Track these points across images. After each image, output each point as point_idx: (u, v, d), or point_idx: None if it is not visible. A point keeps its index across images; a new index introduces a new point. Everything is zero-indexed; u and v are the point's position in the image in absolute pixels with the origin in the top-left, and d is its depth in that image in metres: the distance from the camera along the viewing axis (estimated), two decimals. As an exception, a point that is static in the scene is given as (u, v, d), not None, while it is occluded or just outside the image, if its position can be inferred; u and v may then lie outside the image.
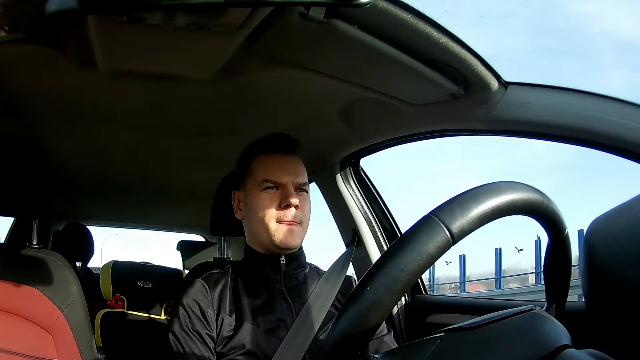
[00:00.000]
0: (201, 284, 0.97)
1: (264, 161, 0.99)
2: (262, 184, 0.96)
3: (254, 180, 0.98)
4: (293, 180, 0.96)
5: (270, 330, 0.94)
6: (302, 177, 0.99)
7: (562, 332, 0.54)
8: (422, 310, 1.40)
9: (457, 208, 0.47)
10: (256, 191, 0.97)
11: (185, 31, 0.76)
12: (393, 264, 0.46)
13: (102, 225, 2.89)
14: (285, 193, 0.95)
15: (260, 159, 0.99)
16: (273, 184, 0.96)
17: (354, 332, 0.46)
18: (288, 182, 0.96)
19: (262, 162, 0.99)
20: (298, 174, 0.98)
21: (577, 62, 24.26)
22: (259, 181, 0.97)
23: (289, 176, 0.96)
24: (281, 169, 0.97)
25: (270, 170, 0.97)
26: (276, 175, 0.96)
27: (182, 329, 0.92)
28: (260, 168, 0.98)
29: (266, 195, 0.96)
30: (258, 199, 0.96)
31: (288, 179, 0.96)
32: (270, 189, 0.96)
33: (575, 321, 0.57)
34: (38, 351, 1.05)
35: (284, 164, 0.98)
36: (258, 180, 0.97)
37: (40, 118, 1.29)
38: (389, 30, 0.80)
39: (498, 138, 0.99)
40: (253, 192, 0.97)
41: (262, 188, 0.96)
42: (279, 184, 0.96)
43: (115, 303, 1.89)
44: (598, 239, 0.40)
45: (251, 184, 0.98)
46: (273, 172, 0.96)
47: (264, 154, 1.00)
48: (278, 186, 0.96)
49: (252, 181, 0.98)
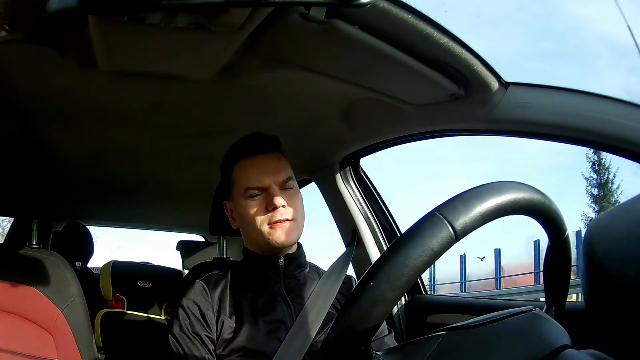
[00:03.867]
0: (201, 286, 0.96)
1: (243, 168, 0.98)
2: (246, 192, 0.95)
3: (238, 190, 0.97)
4: (275, 180, 0.95)
5: (270, 332, 0.94)
6: (284, 173, 0.97)
7: (562, 333, 0.54)
8: (422, 310, 1.40)
9: (460, 206, 0.47)
10: (242, 200, 0.96)
11: (186, 31, 0.77)
12: (397, 260, 0.46)
13: (102, 225, 2.88)
14: (269, 196, 0.94)
15: (239, 167, 0.98)
16: (257, 190, 0.95)
17: (356, 328, 0.46)
18: (270, 183, 0.95)
19: (241, 170, 0.98)
20: (279, 172, 0.96)
21: (573, 65, 24.31)
22: (242, 190, 0.96)
23: (270, 177, 0.95)
24: (261, 172, 0.95)
25: (251, 177, 0.96)
26: (257, 180, 0.95)
27: (182, 331, 0.92)
28: (241, 176, 0.97)
29: (252, 202, 0.95)
30: (246, 207, 0.95)
31: (270, 180, 0.95)
32: (254, 195, 0.95)
33: (575, 321, 0.58)
34: (38, 351, 1.05)
35: (263, 165, 0.97)
36: (241, 189, 0.96)
37: (40, 118, 1.29)
38: (389, 31, 0.80)
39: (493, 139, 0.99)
40: (240, 201, 0.97)
41: (247, 196, 0.95)
42: (262, 188, 0.95)
43: (115, 303, 1.89)
44: (598, 239, 0.40)
45: (236, 193, 0.98)
46: (253, 178, 0.95)
47: (241, 160, 0.98)
48: (262, 190, 0.95)
49: (236, 191, 0.98)
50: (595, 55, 13.49)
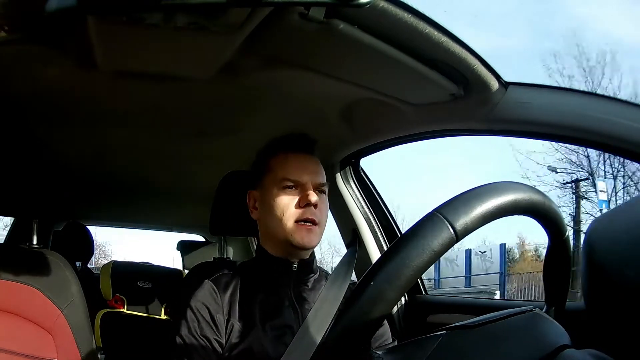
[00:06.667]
0: (210, 287, 0.94)
1: (284, 159, 0.97)
2: (282, 182, 0.94)
3: (273, 179, 0.96)
4: (313, 180, 0.95)
5: (277, 337, 0.92)
6: (321, 177, 0.98)
7: (562, 333, 0.54)
8: (421, 310, 1.40)
9: (461, 206, 0.47)
10: (275, 189, 0.95)
11: (185, 31, 0.76)
12: (397, 259, 0.46)
13: (102, 225, 2.89)
14: (304, 192, 0.94)
15: (280, 158, 0.98)
16: (293, 183, 0.95)
17: (357, 327, 0.46)
18: (308, 182, 0.95)
19: (282, 161, 0.97)
20: (317, 174, 0.97)
21: (572, 64, 24.28)
22: (279, 179, 0.95)
23: (308, 175, 0.95)
24: (301, 168, 0.96)
25: (290, 169, 0.95)
26: (296, 174, 0.95)
27: (190, 333, 0.90)
28: (280, 166, 0.96)
29: (285, 193, 0.94)
30: (277, 197, 0.94)
31: (308, 178, 0.95)
32: (289, 187, 0.94)
33: (575, 321, 0.57)
34: (38, 351, 1.05)
35: (304, 163, 0.97)
36: (277, 178, 0.95)
37: (40, 118, 1.29)
38: (389, 30, 0.80)
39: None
40: (271, 190, 0.95)
41: (282, 186, 0.94)
42: (299, 182, 0.95)
43: (115, 303, 1.89)
44: (598, 239, 0.40)
45: (269, 182, 0.96)
46: (293, 170, 0.95)
47: (283, 153, 0.98)
48: (297, 185, 0.95)
49: (270, 179, 0.96)
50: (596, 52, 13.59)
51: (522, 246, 14.90)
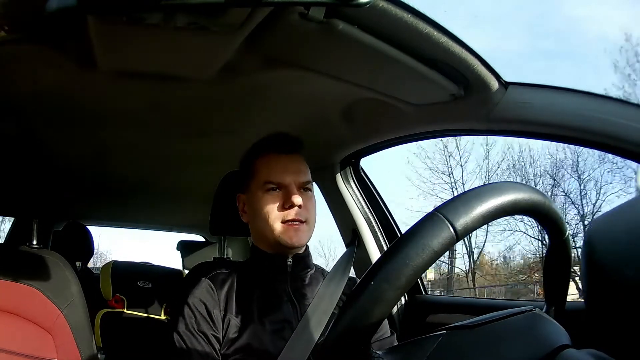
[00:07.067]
0: (207, 284, 0.96)
1: (266, 162, 0.98)
2: (265, 185, 0.96)
3: (257, 182, 0.97)
4: (296, 180, 0.96)
5: (276, 331, 0.93)
6: (305, 176, 0.98)
7: (562, 333, 0.54)
8: (421, 310, 1.40)
9: (461, 206, 0.47)
10: (259, 193, 0.96)
11: (185, 31, 0.76)
12: (397, 259, 0.46)
13: (102, 225, 2.89)
14: (288, 193, 0.95)
15: (262, 161, 0.99)
16: (276, 185, 0.96)
17: (356, 327, 0.46)
18: (291, 183, 0.96)
19: (264, 164, 0.98)
20: (300, 174, 0.98)
21: (572, 64, 24.07)
22: (262, 183, 0.96)
23: (291, 176, 0.96)
24: (283, 169, 0.96)
25: (272, 171, 0.96)
26: (278, 176, 0.96)
27: (187, 329, 0.91)
28: (262, 169, 0.98)
29: (269, 196, 0.95)
30: (261, 200, 0.96)
31: (290, 179, 0.96)
32: (273, 190, 0.96)
33: (575, 321, 0.57)
34: (38, 351, 1.05)
35: (286, 164, 0.98)
36: (260, 182, 0.97)
37: (40, 118, 1.29)
38: (389, 30, 0.80)
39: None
40: (256, 194, 0.97)
41: (265, 190, 0.96)
42: (282, 184, 0.96)
43: (115, 303, 1.89)
44: (598, 239, 0.40)
45: (254, 186, 0.98)
46: (275, 172, 0.96)
47: (266, 155, 0.99)
48: (281, 187, 0.96)
49: (254, 183, 0.98)
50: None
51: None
